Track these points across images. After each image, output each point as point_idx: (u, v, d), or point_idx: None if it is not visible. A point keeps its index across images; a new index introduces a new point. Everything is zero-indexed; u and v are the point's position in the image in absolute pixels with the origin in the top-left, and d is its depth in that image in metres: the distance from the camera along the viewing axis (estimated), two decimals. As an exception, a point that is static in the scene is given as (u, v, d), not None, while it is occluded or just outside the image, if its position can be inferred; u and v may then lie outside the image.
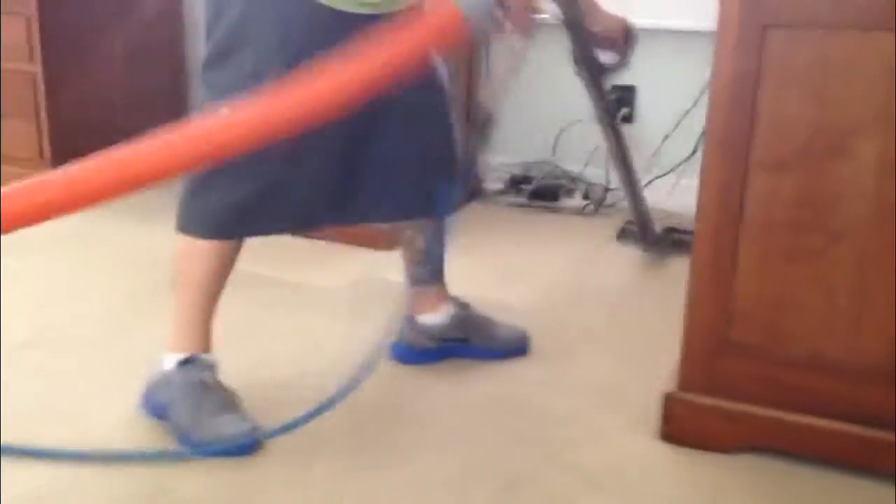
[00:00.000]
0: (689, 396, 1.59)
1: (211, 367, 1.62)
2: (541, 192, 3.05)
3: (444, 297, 1.86)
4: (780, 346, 1.52)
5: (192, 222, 1.56)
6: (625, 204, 2.62)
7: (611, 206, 2.98)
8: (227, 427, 1.52)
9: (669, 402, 1.60)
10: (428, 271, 1.81)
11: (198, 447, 1.51)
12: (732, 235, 1.50)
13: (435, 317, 1.84)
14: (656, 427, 1.62)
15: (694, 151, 2.86)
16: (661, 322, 1.92)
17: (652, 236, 2.57)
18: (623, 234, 2.71)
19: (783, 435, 1.54)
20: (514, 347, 1.90)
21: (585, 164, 3.07)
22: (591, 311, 2.16)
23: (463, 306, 1.87)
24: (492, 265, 2.42)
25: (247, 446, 1.51)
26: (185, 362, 1.60)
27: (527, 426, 1.65)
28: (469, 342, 1.86)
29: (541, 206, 3.02)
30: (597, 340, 2.01)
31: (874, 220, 1.42)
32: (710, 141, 1.50)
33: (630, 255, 2.57)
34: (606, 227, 2.78)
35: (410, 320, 1.85)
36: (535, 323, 1.99)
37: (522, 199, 3.05)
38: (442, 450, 1.56)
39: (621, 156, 2.33)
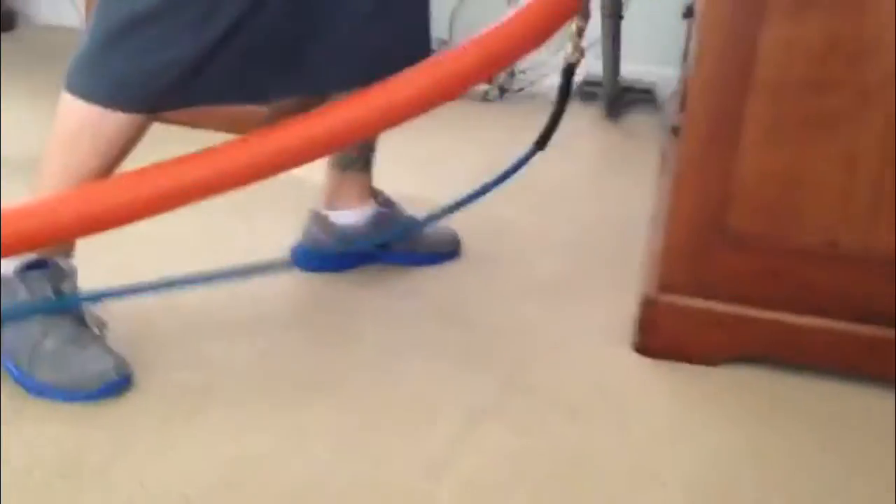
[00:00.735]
0: (673, 299, 1.29)
1: (69, 276, 1.19)
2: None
3: (367, 190, 1.48)
4: (787, 236, 1.24)
5: (101, 83, 1.11)
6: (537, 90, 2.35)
7: (519, 91, 2.65)
8: (91, 363, 1.12)
9: (647, 307, 1.29)
10: (356, 156, 1.44)
11: (43, 390, 1.11)
12: (737, 94, 1.19)
13: (352, 214, 1.46)
14: (630, 337, 1.32)
15: None
16: (626, 209, 1.61)
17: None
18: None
19: (785, 341, 1.27)
20: (444, 252, 1.55)
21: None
22: (533, 205, 1.83)
23: (386, 203, 1.50)
24: (403, 156, 2.04)
25: (115, 385, 1.13)
26: (32, 266, 1.16)
27: (475, 343, 1.32)
28: (389, 247, 1.49)
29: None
30: (547, 237, 1.69)
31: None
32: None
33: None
34: (517, 116, 2.43)
35: (319, 216, 1.47)
36: (469, 221, 1.65)
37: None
38: (381, 379, 1.21)
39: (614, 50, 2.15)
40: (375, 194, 1.50)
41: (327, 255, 1.47)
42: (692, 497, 1.03)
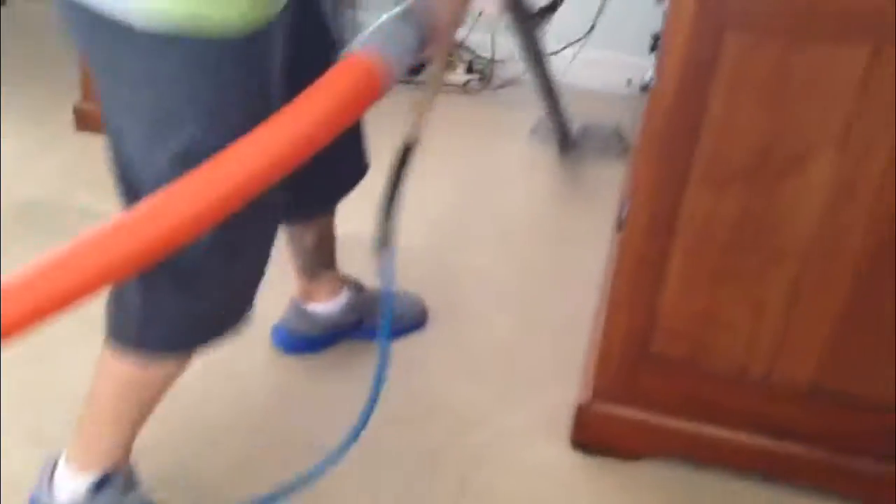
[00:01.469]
0: (604, 406, 1.49)
1: (134, 484, 1.27)
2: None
3: (338, 283, 1.65)
4: (703, 362, 1.42)
5: (150, 336, 1.14)
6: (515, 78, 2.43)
7: (501, 87, 2.75)
8: None
9: (582, 412, 1.49)
10: (320, 262, 1.59)
11: None
12: (662, 249, 1.34)
13: (327, 306, 1.63)
14: (567, 431, 1.52)
15: (591, 28, 2.65)
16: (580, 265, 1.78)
17: (567, 138, 2.42)
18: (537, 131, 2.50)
19: (698, 446, 1.48)
20: (411, 324, 1.73)
21: (469, 30, 2.77)
22: (495, 250, 1.99)
23: (358, 288, 1.67)
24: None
25: None
26: (99, 486, 1.23)
27: (433, 437, 1.51)
28: (361, 323, 1.67)
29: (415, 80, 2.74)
30: (504, 296, 1.86)
31: (818, 245, 1.28)
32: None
33: (542, 159, 2.35)
34: (498, 109, 2.55)
35: (299, 308, 1.64)
36: (428, 273, 1.81)
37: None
38: (347, 483, 1.42)
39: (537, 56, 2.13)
40: (345, 282, 1.66)
41: (306, 338, 1.65)
42: None
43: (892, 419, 1.38)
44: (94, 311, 1.11)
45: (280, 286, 1.55)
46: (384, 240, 1.18)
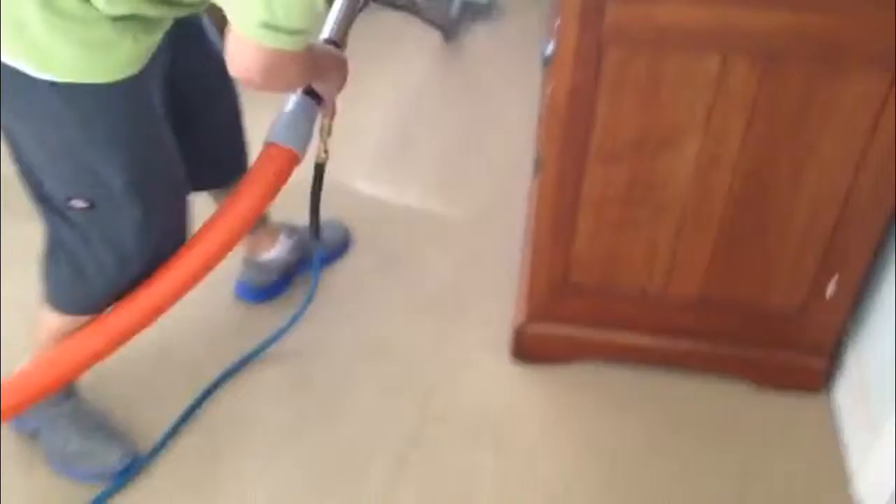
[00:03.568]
0: (536, 326, 1.83)
1: (68, 396, 1.63)
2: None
3: (274, 231, 1.93)
4: (612, 286, 1.76)
5: (70, 302, 1.49)
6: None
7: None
8: (100, 458, 1.61)
9: (519, 333, 1.85)
10: None
11: (80, 478, 1.61)
12: (570, 209, 1.65)
13: (272, 252, 1.93)
14: (507, 348, 1.87)
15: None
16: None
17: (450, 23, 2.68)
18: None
19: (613, 350, 1.84)
20: (339, 248, 2.06)
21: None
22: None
23: (292, 230, 1.96)
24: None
25: (126, 472, 1.61)
26: None
27: (388, 371, 1.85)
28: (305, 259, 1.98)
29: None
30: (440, 229, 2.16)
31: (692, 199, 1.60)
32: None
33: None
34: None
35: (250, 261, 1.94)
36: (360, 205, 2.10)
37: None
38: (322, 424, 1.74)
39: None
40: (280, 229, 1.93)
41: (265, 285, 1.96)
42: (551, 497, 1.64)
43: (763, 315, 1.75)
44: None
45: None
46: (316, 234, 1.72)
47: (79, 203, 1.34)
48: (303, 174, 1.57)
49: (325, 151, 1.60)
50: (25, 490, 1.61)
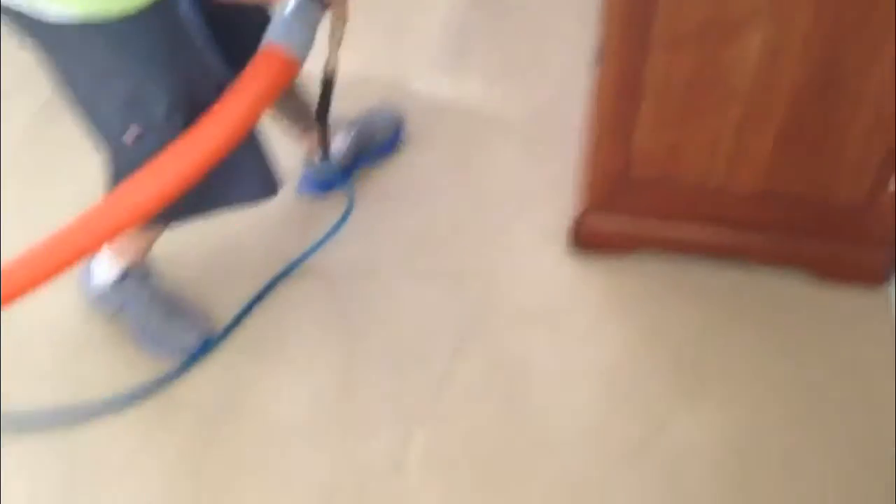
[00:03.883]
0: (595, 217, 1.85)
1: (147, 276, 1.73)
2: None
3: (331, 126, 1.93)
4: (671, 178, 1.76)
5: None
6: None
7: None
8: (176, 339, 1.71)
9: (577, 224, 1.87)
10: (303, 126, 1.89)
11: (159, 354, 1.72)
12: (631, 99, 1.64)
13: (332, 146, 1.95)
14: (565, 239, 1.90)
15: None
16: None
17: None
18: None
19: (672, 241, 1.86)
20: (392, 137, 2.07)
21: None
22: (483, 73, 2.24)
23: (350, 124, 1.98)
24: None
25: (201, 351, 1.72)
26: (122, 278, 1.70)
27: (451, 263, 1.89)
28: (366, 149, 2.01)
29: None
30: (500, 121, 2.16)
31: (757, 87, 1.57)
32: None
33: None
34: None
35: (310, 162, 1.98)
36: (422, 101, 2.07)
37: None
38: (382, 312, 1.81)
39: None
40: (338, 123, 1.94)
41: (327, 180, 2.01)
42: (607, 385, 1.69)
43: (825, 208, 1.74)
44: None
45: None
46: (325, 153, 1.71)
47: (131, 133, 1.38)
48: (354, 65, 1.54)
49: (334, 64, 1.48)
50: (110, 365, 1.72)
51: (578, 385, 1.68)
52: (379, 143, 2.05)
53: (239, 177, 1.52)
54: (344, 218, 1.91)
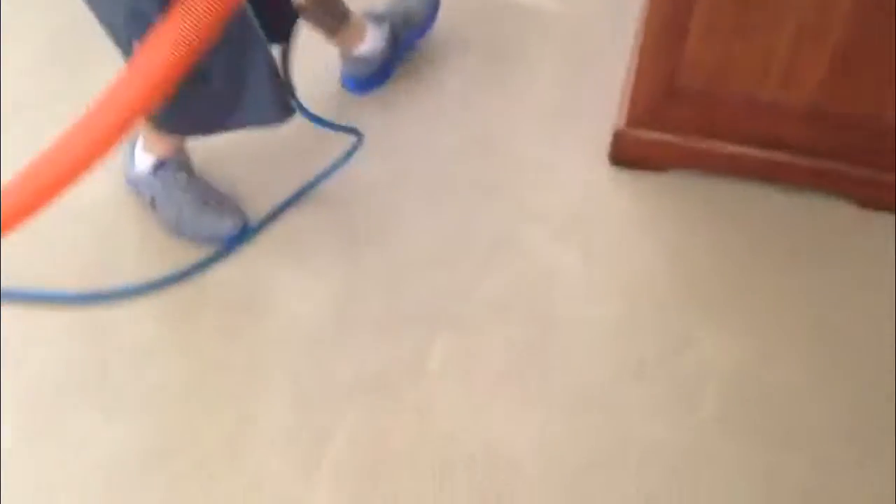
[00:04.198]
0: (637, 132, 1.80)
1: (184, 166, 1.73)
2: None
3: (360, 24, 1.90)
4: (719, 93, 1.69)
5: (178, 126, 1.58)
6: None
7: None
8: (210, 228, 1.71)
9: (619, 137, 1.82)
10: (336, 16, 1.85)
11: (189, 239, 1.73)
12: (684, 8, 1.57)
13: (363, 45, 1.91)
14: (606, 153, 1.85)
15: None
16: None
17: None
18: None
19: (715, 159, 1.80)
20: (427, 19, 2.02)
21: None
22: None
23: (379, 18, 1.93)
24: None
25: (233, 242, 1.72)
26: (158, 166, 1.71)
27: (489, 170, 1.86)
28: (401, 40, 1.97)
29: None
30: (544, 31, 2.10)
31: (813, 3, 1.50)
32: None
33: None
34: None
35: (346, 56, 1.94)
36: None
37: None
38: (419, 214, 1.79)
39: None
40: (366, 20, 1.91)
41: (369, 76, 1.97)
42: (632, 300, 1.67)
43: (874, 133, 1.67)
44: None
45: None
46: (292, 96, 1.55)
47: (135, 47, 1.33)
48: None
49: None
50: (141, 252, 1.74)
51: (603, 299, 1.66)
52: (416, 25, 1.99)
53: (252, 100, 1.51)
54: (352, 150, 1.83)
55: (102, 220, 1.77)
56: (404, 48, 2.00)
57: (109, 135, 1.15)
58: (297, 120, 1.64)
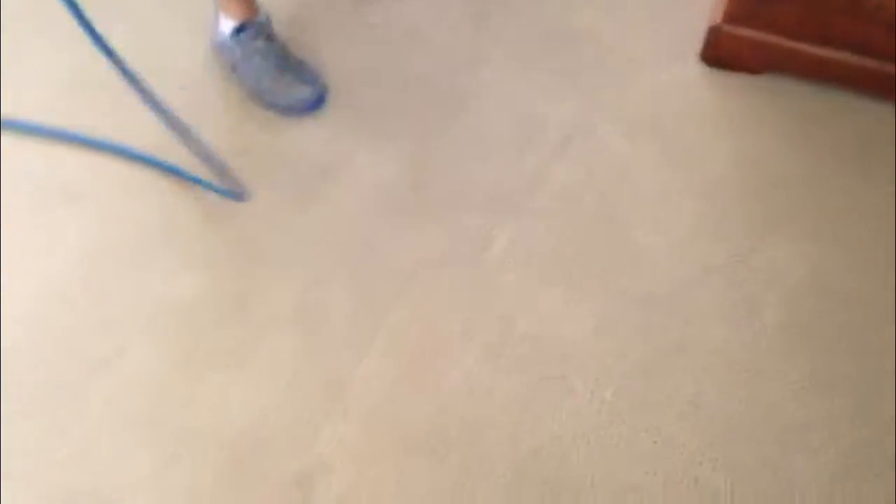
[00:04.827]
0: (732, 29, 1.72)
1: (264, 30, 1.74)
2: None
3: None
4: (822, -4, 1.61)
5: None
6: None
7: None
8: (289, 95, 1.73)
9: (713, 34, 1.74)
10: None
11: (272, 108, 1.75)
12: None
13: None
14: (695, 49, 1.78)
15: None
16: None
17: None
18: None
19: (811, 64, 1.71)
20: None
21: None
22: None
23: None
24: None
25: (311, 107, 1.74)
26: (238, 30, 1.72)
27: (573, 59, 1.81)
28: None
29: None
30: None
31: None
32: None
33: None
34: None
35: None
36: None
37: None
38: (492, 106, 1.77)
39: None
40: None
41: None
42: (702, 203, 1.63)
43: None
44: None
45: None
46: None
47: None
48: None
49: None
50: (222, 119, 1.76)
51: (673, 200, 1.62)
52: None
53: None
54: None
55: (187, 83, 1.80)
56: None
57: None
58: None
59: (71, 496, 1.31)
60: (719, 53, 1.77)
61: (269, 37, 1.76)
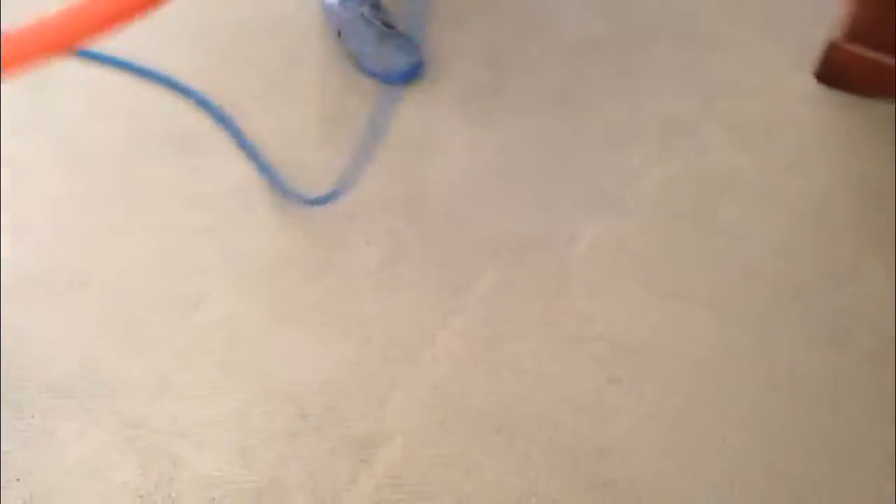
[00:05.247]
0: (852, 47, 1.67)
1: (365, 1, 1.76)
2: None
3: None
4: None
5: None
6: None
7: None
8: (387, 63, 1.75)
9: (830, 51, 1.69)
10: None
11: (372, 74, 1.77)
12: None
13: None
14: (811, 65, 1.74)
15: None
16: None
17: None
18: None
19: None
20: None
21: None
22: None
23: None
24: None
25: (410, 74, 1.75)
26: None
27: (686, 61, 1.79)
28: None
29: None
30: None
31: None
32: None
33: None
34: None
35: None
36: None
37: None
38: (606, 94, 1.75)
39: None
40: None
41: None
42: (802, 221, 1.58)
43: None
44: None
45: None
46: None
47: None
48: None
49: None
50: (330, 84, 1.79)
51: (771, 213, 1.58)
52: None
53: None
54: None
55: (291, 41, 1.83)
56: None
57: None
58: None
59: (150, 426, 1.33)
60: (835, 72, 1.72)
61: (375, 4, 1.79)
